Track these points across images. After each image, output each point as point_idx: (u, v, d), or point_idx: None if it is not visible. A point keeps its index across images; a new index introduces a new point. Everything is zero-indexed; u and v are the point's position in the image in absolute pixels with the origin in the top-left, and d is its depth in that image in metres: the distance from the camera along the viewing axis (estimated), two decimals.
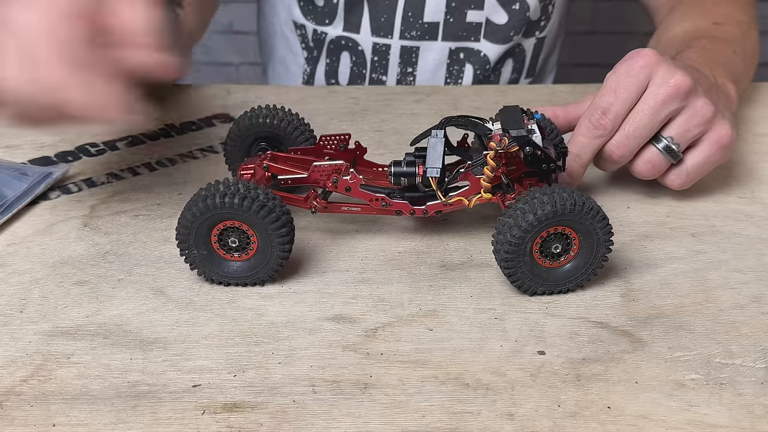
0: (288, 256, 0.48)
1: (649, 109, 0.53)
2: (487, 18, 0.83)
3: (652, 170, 0.56)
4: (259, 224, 0.46)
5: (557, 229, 0.46)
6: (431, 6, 0.82)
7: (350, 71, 0.87)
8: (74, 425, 0.39)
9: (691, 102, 0.54)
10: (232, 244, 0.48)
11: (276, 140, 0.57)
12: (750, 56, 0.71)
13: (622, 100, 0.53)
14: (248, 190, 0.46)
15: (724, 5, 0.74)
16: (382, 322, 0.46)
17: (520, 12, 0.83)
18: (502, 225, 0.46)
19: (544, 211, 0.45)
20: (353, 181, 0.51)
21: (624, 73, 0.54)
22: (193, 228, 0.47)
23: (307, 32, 0.87)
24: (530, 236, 0.45)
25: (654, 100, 0.53)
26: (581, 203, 0.45)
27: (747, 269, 0.51)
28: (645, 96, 0.53)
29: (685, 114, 0.54)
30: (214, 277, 0.49)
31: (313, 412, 0.40)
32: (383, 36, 0.84)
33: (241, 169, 0.52)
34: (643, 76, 0.53)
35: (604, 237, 0.46)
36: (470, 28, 0.83)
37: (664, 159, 0.55)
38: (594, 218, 0.46)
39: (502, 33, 0.84)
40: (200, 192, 0.47)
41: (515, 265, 0.46)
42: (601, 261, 0.47)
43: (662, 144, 0.54)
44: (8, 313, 0.47)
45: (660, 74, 0.53)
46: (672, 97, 0.53)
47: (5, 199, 0.57)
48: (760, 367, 0.43)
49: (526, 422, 0.39)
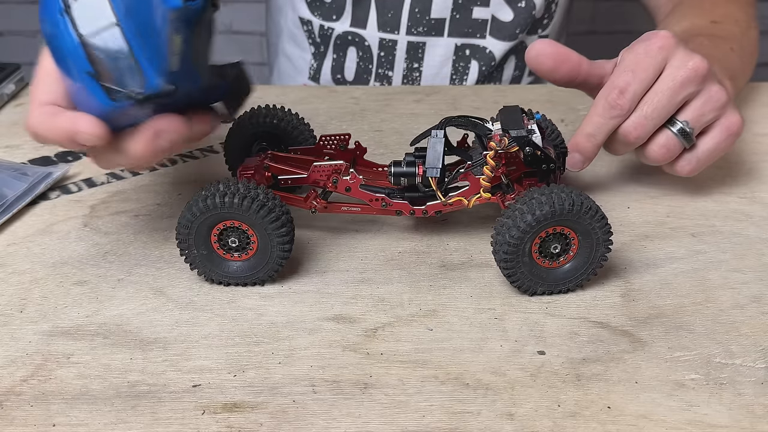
0: (288, 255, 0.48)
1: (668, 90, 0.52)
2: (493, 15, 0.83)
3: (667, 154, 0.55)
4: (258, 224, 0.46)
5: (556, 230, 0.46)
6: (438, 2, 0.82)
7: (356, 66, 0.88)
8: (74, 425, 0.39)
9: (706, 87, 0.53)
10: (232, 244, 0.48)
11: (276, 140, 0.57)
12: (747, 54, 0.71)
13: (640, 80, 0.52)
14: (248, 189, 0.46)
15: (722, 5, 0.74)
16: (382, 322, 0.46)
17: (526, 10, 0.84)
18: (500, 225, 0.46)
19: (543, 212, 0.45)
20: (353, 182, 0.51)
21: (642, 52, 0.53)
22: (193, 228, 0.47)
23: (313, 28, 0.88)
24: (529, 237, 0.45)
25: (673, 82, 0.52)
26: (579, 203, 0.45)
27: (747, 269, 0.51)
28: (663, 77, 0.52)
29: (701, 98, 0.53)
30: (214, 277, 0.49)
31: (313, 412, 0.40)
32: (390, 32, 0.84)
33: (242, 169, 0.52)
34: (660, 58, 0.52)
35: (603, 237, 0.46)
36: (476, 25, 0.84)
37: (678, 143, 0.54)
38: (593, 218, 0.46)
39: (507, 30, 0.85)
40: (200, 192, 0.47)
41: (514, 266, 0.46)
42: (600, 261, 0.47)
43: (677, 127, 0.54)
44: (8, 313, 0.47)
45: (678, 56, 0.53)
46: (690, 80, 0.52)
47: (5, 199, 0.57)
48: (760, 367, 0.43)
49: (526, 422, 0.39)
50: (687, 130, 0.54)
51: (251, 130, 0.57)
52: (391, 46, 0.85)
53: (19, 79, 0.77)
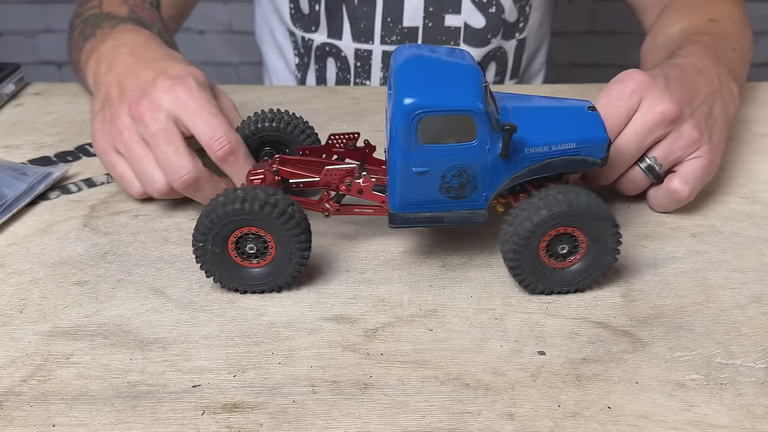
0: (306, 262, 0.48)
1: (635, 136, 0.54)
2: (465, 22, 0.84)
3: (634, 188, 0.57)
4: (278, 230, 0.46)
5: (566, 230, 0.46)
6: (409, 11, 0.83)
7: (336, 77, 0.89)
8: (74, 425, 0.39)
9: (675, 128, 0.55)
10: (249, 251, 0.47)
11: (281, 144, 0.57)
12: (745, 53, 0.71)
13: (612, 125, 0.54)
14: (268, 195, 0.46)
15: (716, 3, 0.74)
16: (382, 322, 0.46)
17: (496, 15, 0.84)
18: (513, 217, 0.46)
19: (559, 209, 0.45)
20: (366, 184, 0.51)
21: (615, 96, 0.54)
22: (210, 235, 0.46)
23: (297, 39, 0.89)
24: (541, 231, 0.45)
25: (642, 128, 0.54)
26: (597, 206, 0.45)
27: (747, 269, 0.51)
28: (633, 121, 0.54)
29: (671, 138, 0.55)
30: (231, 284, 0.48)
31: (313, 412, 0.40)
32: (364, 42, 0.85)
33: (250, 175, 0.52)
34: (634, 101, 0.54)
35: (612, 245, 0.47)
36: (449, 32, 0.84)
37: (645, 177, 0.56)
38: (606, 223, 0.46)
39: (480, 36, 0.85)
40: (218, 198, 0.46)
41: (520, 259, 0.46)
42: (604, 269, 0.47)
43: (645, 164, 0.55)
44: (8, 313, 0.47)
45: (650, 98, 0.54)
46: (658, 124, 0.54)
47: (5, 199, 0.57)
48: (760, 367, 0.43)
49: (526, 422, 0.39)
50: (654, 167, 0.55)
51: (256, 135, 0.56)
52: (367, 56, 0.86)
53: (18, 79, 0.77)
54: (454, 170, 0.46)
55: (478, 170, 0.46)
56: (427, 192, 0.47)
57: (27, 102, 0.76)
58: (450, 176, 0.46)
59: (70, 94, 0.77)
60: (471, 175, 0.46)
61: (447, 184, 0.47)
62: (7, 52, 1.79)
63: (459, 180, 0.46)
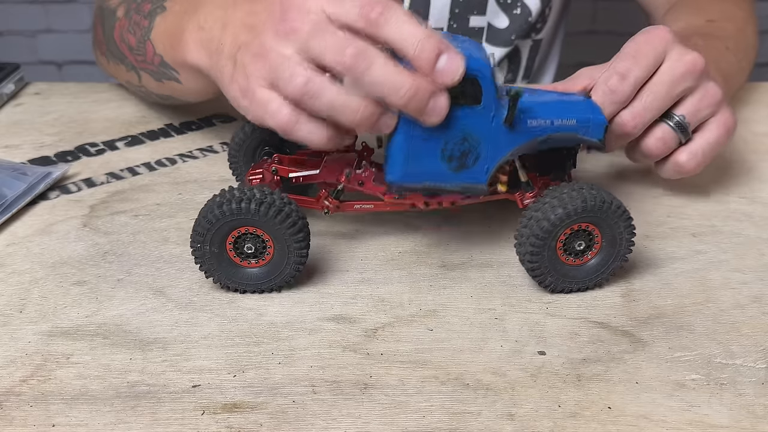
0: (305, 261, 0.48)
1: (667, 81, 0.52)
2: (489, 23, 0.84)
3: (663, 147, 0.55)
4: (275, 230, 0.46)
5: (581, 227, 0.46)
6: (435, 13, 0.83)
7: None
8: (74, 425, 0.39)
9: (703, 83, 0.54)
10: (248, 251, 0.47)
11: (280, 144, 0.57)
12: (743, 51, 0.70)
13: (641, 66, 0.52)
14: (264, 195, 0.46)
15: (719, 2, 0.74)
16: (382, 322, 0.46)
17: (522, 16, 0.84)
18: (528, 219, 0.46)
19: (574, 206, 0.45)
20: (366, 174, 0.50)
21: (643, 41, 0.53)
22: (208, 235, 0.46)
23: None
24: (558, 230, 0.46)
25: (672, 74, 0.52)
26: (610, 201, 0.46)
27: (747, 269, 0.51)
28: (662, 69, 0.52)
29: (698, 94, 0.54)
30: (230, 284, 0.48)
31: (313, 412, 0.40)
32: None
33: (250, 175, 0.52)
34: (661, 48, 0.53)
35: (627, 236, 0.47)
36: (473, 33, 0.84)
37: (675, 136, 0.54)
38: (620, 217, 0.46)
39: (503, 36, 0.85)
40: (214, 198, 0.46)
41: (540, 260, 0.46)
42: (622, 260, 0.48)
43: (674, 120, 0.54)
44: (8, 313, 0.47)
45: (676, 50, 0.53)
46: (689, 73, 0.52)
47: (5, 199, 0.57)
48: (760, 367, 0.43)
49: (527, 423, 0.39)
50: (683, 124, 0.54)
51: (256, 136, 0.56)
52: None
53: (18, 79, 0.77)
54: (457, 137, 0.46)
55: (481, 139, 0.46)
56: (429, 161, 0.46)
57: (27, 102, 0.76)
58: (453, 143, 0.46)
59: (70, 94, 0.77)
60: (473, 144, 0.46)
61: (449, 152, 0.46)
62: (7, 52, 1.80)
63: (461, 148, 0.46)
